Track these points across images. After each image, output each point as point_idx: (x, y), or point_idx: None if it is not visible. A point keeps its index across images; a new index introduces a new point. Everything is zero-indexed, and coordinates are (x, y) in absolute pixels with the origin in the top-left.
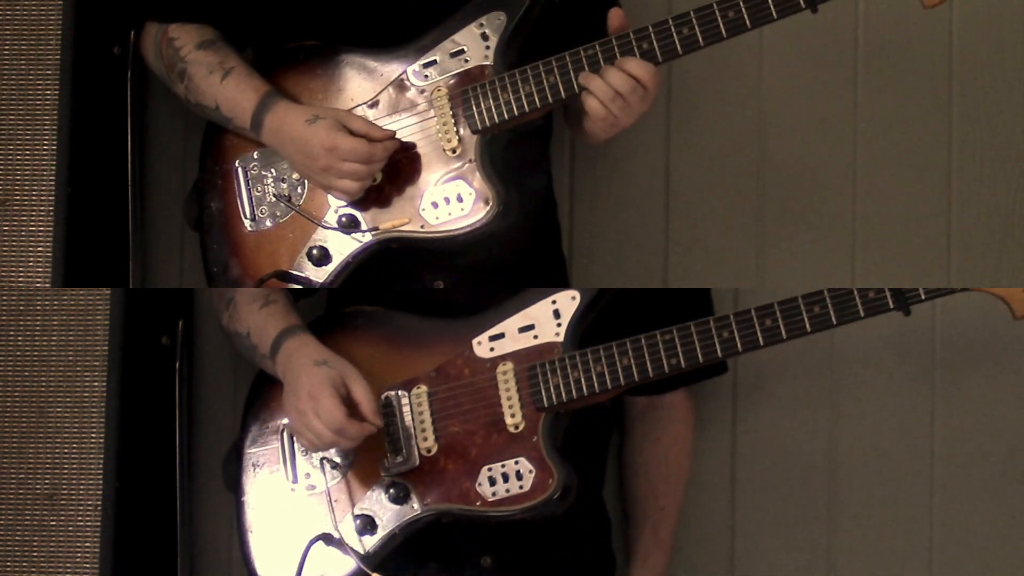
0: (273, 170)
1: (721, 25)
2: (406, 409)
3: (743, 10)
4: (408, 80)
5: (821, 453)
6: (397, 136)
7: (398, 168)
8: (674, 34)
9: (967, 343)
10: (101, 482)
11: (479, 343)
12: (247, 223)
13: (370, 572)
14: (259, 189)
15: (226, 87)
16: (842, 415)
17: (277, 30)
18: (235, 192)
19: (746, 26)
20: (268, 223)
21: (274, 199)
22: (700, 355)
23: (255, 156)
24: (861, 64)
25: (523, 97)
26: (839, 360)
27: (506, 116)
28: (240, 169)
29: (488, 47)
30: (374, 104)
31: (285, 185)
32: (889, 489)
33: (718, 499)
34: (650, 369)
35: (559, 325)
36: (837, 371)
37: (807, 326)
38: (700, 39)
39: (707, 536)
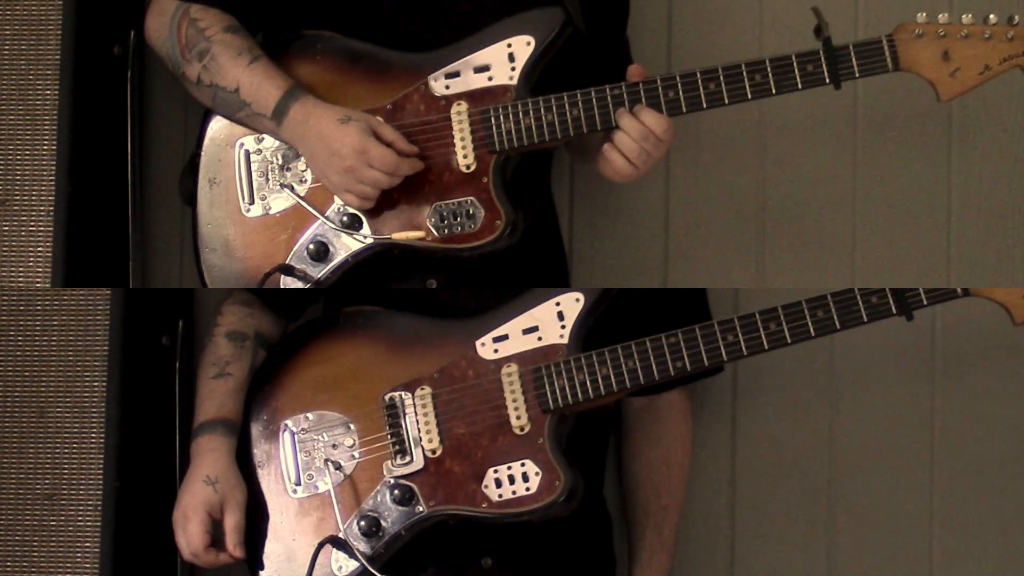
0: (279, 156)
1: (747, 87)
2: (410, 410)
3: (769, 75)
4: (429, 88)
5: (821, 453)
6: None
7: (410, 176)
8: (700, 87)
9: (967, 343)
10: (101, 482)
11: (483, 344)
12: (244, 207)
13: (376, 574)
14: (261, 173)
15: (253, 70)
16: (842, 415)
17: (295, 15)
18: (235, 173)
19: (770, 91)
20: (268, 209)
21: (277, 186)
22: (705, 358)
23: (260, 138)
24: None
25: (544, 126)
26: (839, 360)
27: (525, 142)
28: (242, 151)
29: (514, 68)
30: (391, 108)
31: (290, 173)
32: (889, 489)
33: (718, 499)
34: (656, 372)
35: (563, 327)
36: (837, 371)
37: (811, 330)
38: (725, 96)
39: (707, 536)
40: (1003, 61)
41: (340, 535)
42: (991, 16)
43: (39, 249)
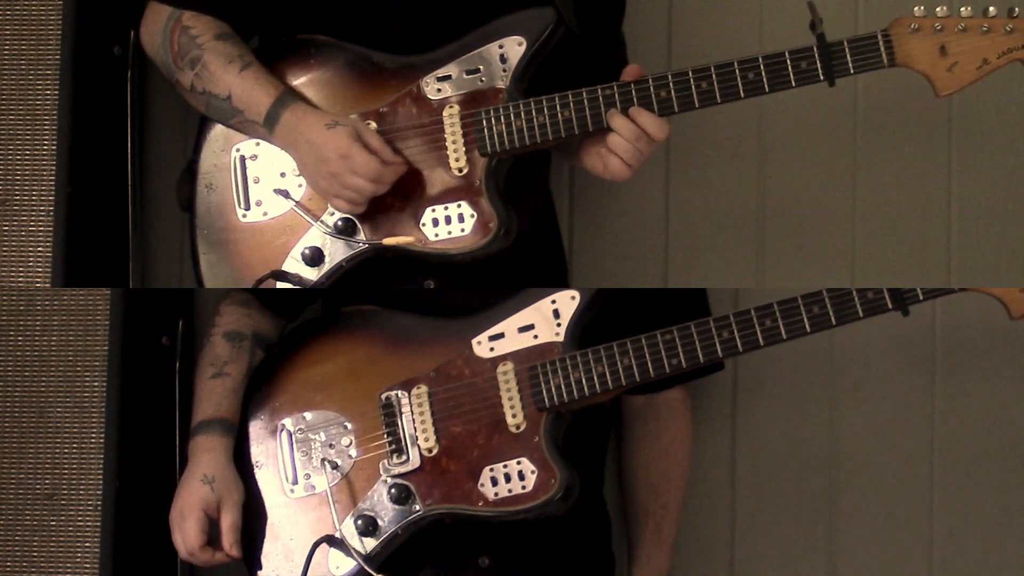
0: (274, 162)
1: (740, 85)
2: (406, 409)
3: (762, 73)
4: (421, 91)
5: (821, 452)
6: (405, 151)
7: (403, 179)
8: (692, 86)
9: (967, 342)
10: (101, 482)
11: (479, 343)
12: (240, 212)
13: (373, 573)
14: (256, 180)
15: (244, 77)
16: (842, 414)
17: (288, 20)
18: (231, 179)
19: (764, 89)
20: (263, 215)
21: (272, 191)
22: (701, 355)
23: (256, 143)
24: None
25: (536, 128)
26: (839, 359)
27: (516, 144)
28: (238, 156)
29: (505, 70)
30: (384, 111)
31: (285, 179)
32: (889, 488)
33: (718, 499)
34: (651, 369)
35: (559, 325)
36: (837, 370)
37: (806, 326)
38: (718, 95)
39: (707, 536)
40: (1002, 55)
41: (336, 534)
42: (990, 8)
43: (39, 249)
